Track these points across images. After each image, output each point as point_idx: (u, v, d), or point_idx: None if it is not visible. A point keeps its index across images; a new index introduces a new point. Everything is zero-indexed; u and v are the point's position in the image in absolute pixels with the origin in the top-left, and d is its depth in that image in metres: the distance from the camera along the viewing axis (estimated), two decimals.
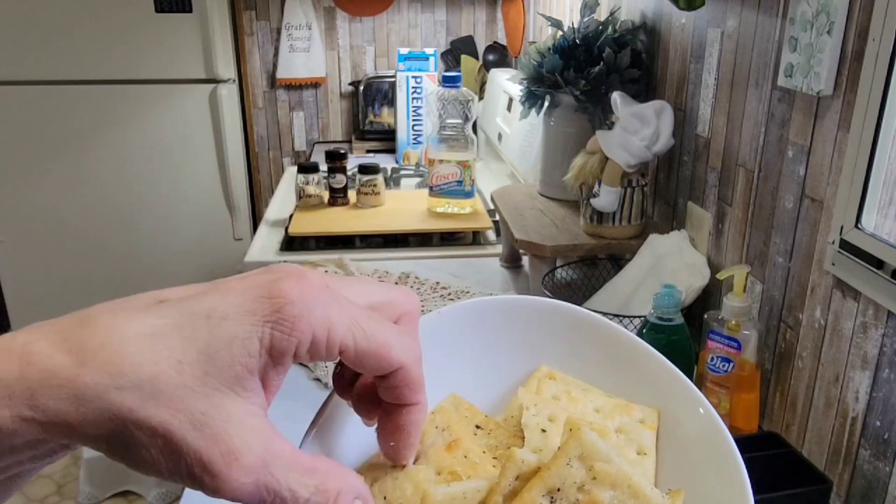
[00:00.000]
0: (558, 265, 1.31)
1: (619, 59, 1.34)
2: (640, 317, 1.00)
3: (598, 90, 1.36)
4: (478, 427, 0.35)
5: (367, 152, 2.70)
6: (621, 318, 1.03)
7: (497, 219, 1.70)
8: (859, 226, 0.81)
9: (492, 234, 1.78)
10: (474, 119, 1.75)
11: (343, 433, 0.34)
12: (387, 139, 2.71)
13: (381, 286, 0.32)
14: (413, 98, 2.43)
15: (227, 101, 2.67)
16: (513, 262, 1.60)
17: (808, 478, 0.79)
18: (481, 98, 2.58)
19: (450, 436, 0.33)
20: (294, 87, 2.90)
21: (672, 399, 0.36)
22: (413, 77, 2.41)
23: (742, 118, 1.07)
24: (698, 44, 1.21)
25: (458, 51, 2.89)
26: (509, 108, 2.10)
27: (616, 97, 1.26)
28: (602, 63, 1.34)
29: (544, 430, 0.34)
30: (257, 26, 2.82)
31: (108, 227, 2.77)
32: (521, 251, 1.50)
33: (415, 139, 2.48)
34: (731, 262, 1.12)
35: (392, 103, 2.67)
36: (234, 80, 2.75)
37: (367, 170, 1.85)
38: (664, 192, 1.38)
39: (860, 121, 0.79)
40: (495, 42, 2.92)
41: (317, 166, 1.88)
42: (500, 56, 2.85)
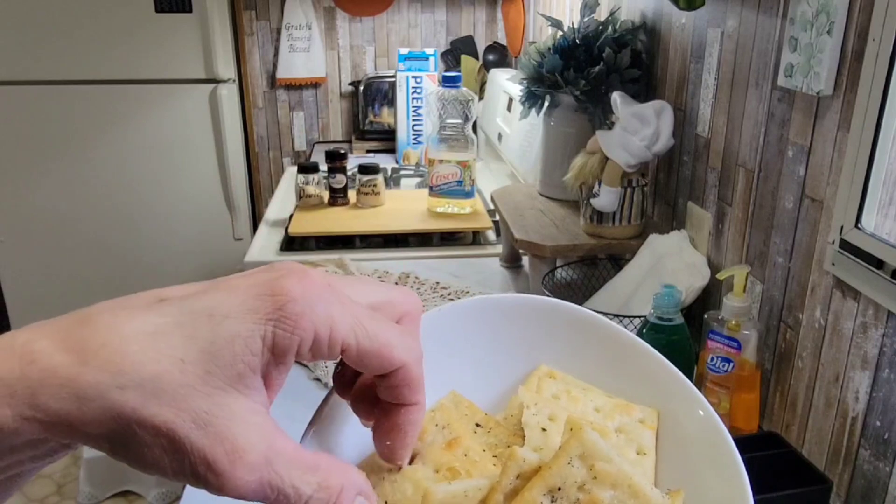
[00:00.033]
0: (558, 265, 1.31)
1: (619, 59, 1.34)
2: (640, 317, 1.00)
3: (598, 90, 1.36)
4: (478, 425, 0.35)
5: (367, 152, 2.70)
6: (621, 318, 1.03)
7: (497, 219, 1.70)
8: (859, 226, 0.81)
9: (492, 234, 1.78)
10: (474, 119, 1.75)
11: (342, 432, 0.34)
12: (387, 139, 2.71)
13: (383, 286, 0.32)
14: (413, 98, 2.43)
15: (227, 101, 2.67)
16: (513, 262, 1.60)
17: (808, 478, 0.79)
18: (481, 98, 2.58)
19: (450, 433, 0.33)
20: (294, 87, 2.90)
21: (672, 399, 0.36)
22: (413, 77, 2.41)
23: (742, 118, 1.07)
24: (698, 44, 1.21)
25: (458, 51, 2.89)
26: (509, 108, 2.10)
27: (616, 97, 1.26)
28: (602, 63, 1.34)
29: (544, 429, 0.34)
30: (257, 26, 2.82)
31: (109, 227, 2.77)
32: (521, 251, 1.50)
33: (415, 139, 2.48)
34: (731, 262, 1.12)
35: (392, 103, 2.67)
36: (234, 80, 2.75)
37: (367, 170, 1.85)
38: (664, 192, 1.38)
39: (860, 121, 0.79)
40: (495, 42, 2.92)
41: (317, 166, 1.88)
42: (500, 56, 2.85)
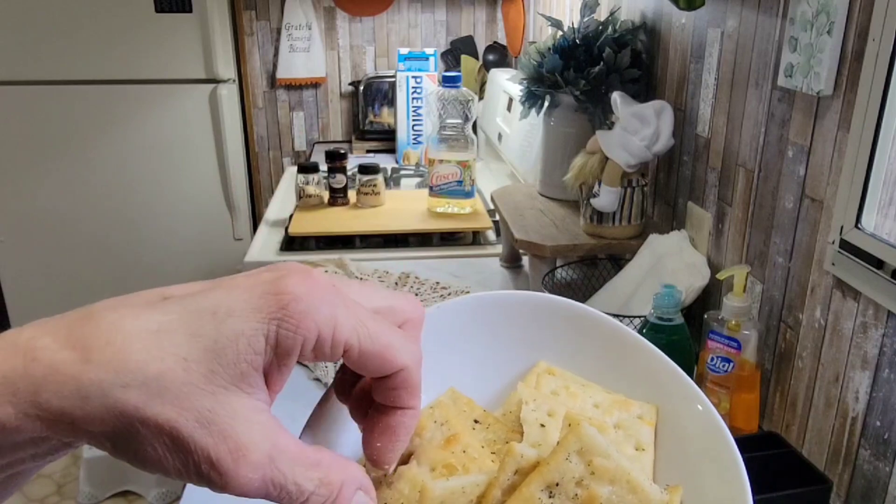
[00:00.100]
0: (558, 265, 1.31)
1: (619, 59, 1.34)
2: (640, 317, 1.00)
3: (598, 90, 1.36)
4: (476, 422, 0.35)
5: (367, 152, 2.70)
6: (621, 318, 1.03)
7: (497, 219, 1.70)
8: (859, 226, 0.81)
9: (492, 234, 1.78)
10: (474, 119, 1.75)
11: (339, 431, 0.34)
12: (387, 139, 2.71)
13: (387, 292, 0.32)
14: (413, 98, 2.43)
15: (227, 101, 2.67)
16: (513, 262, 1.60)
17: (808, 478, 0.79)
18: (481, 98, 2.58)
19: (448, 430, 0.33)
20: (294, 87, 2.90)
21: (671, 395, 0.36)
22: (413, 77, 2.41)
23: (742, 118, 1.07)
24: (698, 44, 1.21)
25: (458, 51, 2.89)
26: (509, 108, 2.10)
27: (616, 97, 1.26)
28: (602, 63, 1.34)
29: (543, 425, 0.34)
30: (257, 26, 2.82)
31: (109, 226, 2.77)
32: (521, 251, 1.50)
33: (415, 139, 2.48)
34: (731, 262, 1.12)
35: (392, 103, 2.67)
36: (234, 80, 2.75)
37: (367, 170, 1.85)
38: (664, 192, 1.38)
39: (860, 121, 0.79)
40: (495, 42, 2.92)
41: (317, 166, 1.88)
42: (500, 56, 2.85)
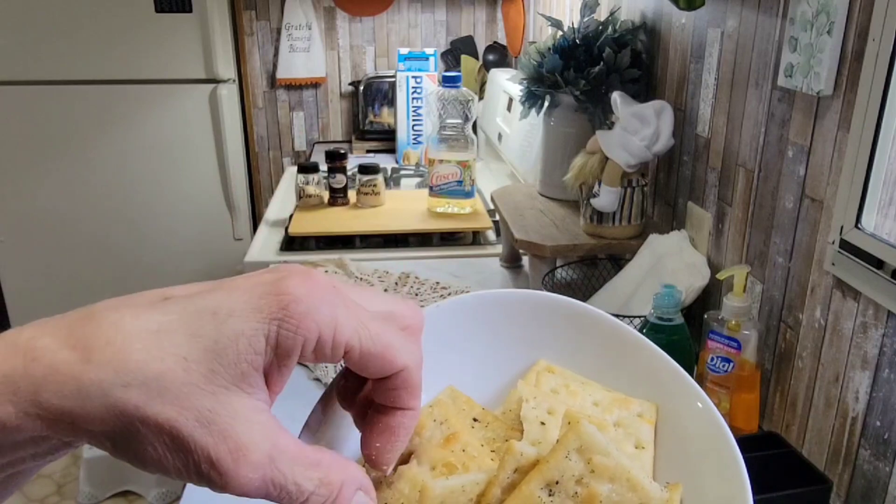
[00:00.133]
0: (558, 265, 1.31)
1: (619, 59, 1.34)
2: (640, 317, 1.00)
3: (598, 90, 1.36)
4: (475, 420, 0.35)
5: (367, 152, 2.70)
6: (621, 318, 1.03)
7: (497, 219, 1.70)
8: (859, 226, 0.81)
9: (492, 234, 1.78)
10: (474, 119, 1.75)
11: (339, 432, 0.34)
12: (387, 139, 2.71)
13: (388, 297, 0.32)
14: (413, 98, 2.43)
15: (227, 101, 2.67)
16: (513, 262, 1.60)
17: (808, 478, 0.79)
18: (481, 98, 2.58)
19: (447, 429, 0.33)
20: (294, 87, 2.90)
21: (670, 393, 0.36)
22: (413, 77, 2.41)
23: (742, 118, 1.07)
24: (698, 44, 1.21)
25: (458, 51, 2.89)
26: (509, 108, 2.10)
27: (616, 97, 1.26)
28: (602, 63, 1.34)
29: (543, 423, 0.34)
30: (257, 26, 2.82)
31: (109, 227, 2.77)
32: (521, 251, 1.50)
33: (415, 139, 2.48)
34: (731, 262, 1.12)
35: (392, 103, 2.67)
36: (234, 80, 2.75)
37: (367, 170, 1.85)
38: (664, 192, 1.38)
39: (860, 121, 0.79)
40: (495, 42, 2.92)
41: (317, 166, 1.88)
42: (500, 56, 2.85)
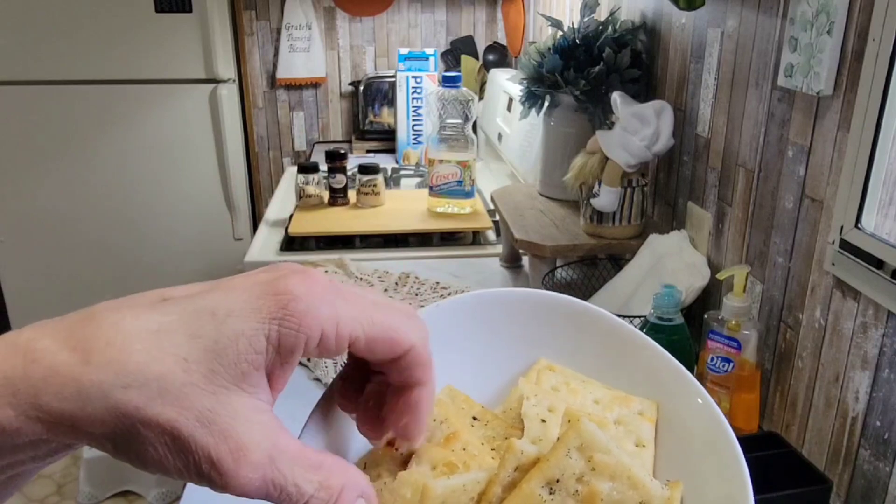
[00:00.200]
0: (558, 265, 1.31)
1: (619, 59, 1.34)
2: (640, 317, 1.00)
3: (598, 90, 1.36)
4: (474, 419, 0.35)
5: (367, 152, 2.70)
6: (621, 317, 1.03)
7: (497, 219, 1.70)
8: (859, 226, 0.81)
9: (492, 234, 1.78)
10: (474, 119, 1.75)
11: (339, 434, 0.34)
12: (387, 139, 2.71)
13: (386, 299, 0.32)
14: (413, 98, 2.43)
15: (227, 101, 2.67)
16: (513, 262, 1.60)
17: (808, 478, 0.79)
18: (481, 98, 2.58)
19: (448, 428, 0.33)
20: (294, 87, 2.90)
21: (671, 391, 0.36)
22: (413, 77, 2.41)
23: (742, 118, 1.07)
24: (698, 44, 1.21)
25: (458, 51, 2.89)
26: (509, 108, 2.10)
27: (616, 97, 1.26)
28: (602, 63, 1.34)
29: (544, 421, 0.34)
30: (257, 26, 2.82)
31: (109, 226, 2.77)
32: (521, 251, 1.50)
33: (415, 139, 2.48)
34: (731, 262, 1.12)
35: (392, 103, 2.67)
36: (234, 80, 2.75)
37: (367, 170, 1.85)
38: (664, 192, 1.38)
39: (860, 121, 0.79)
40: (495, 42, 2.92)
41: (317, 166, 1.88)
42: (500, 56, 2.85)
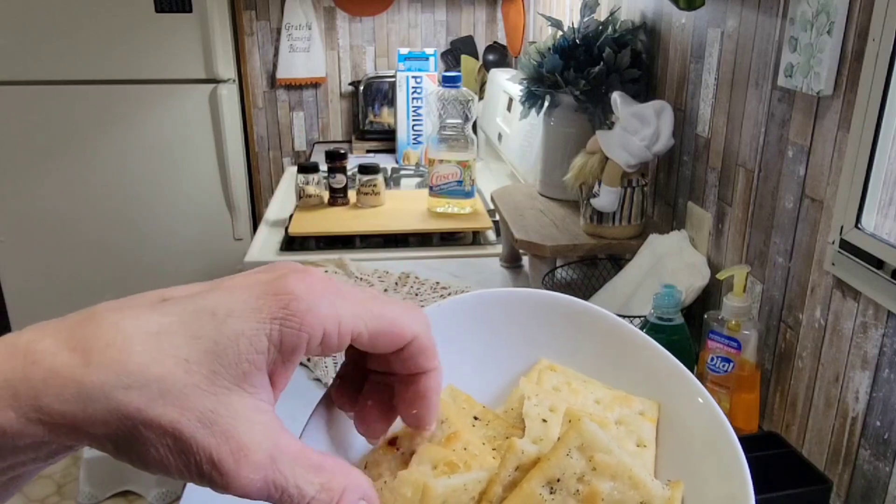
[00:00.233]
0: (558, 265, 1.31)
1: (619, 59, 1.34)
2: (640, 317, 1.00)
3: (598, 90, 1.36)
4: (475, 418, 0.35)
5: (367, 152, 2.70)
6: (621, 317, 1.03)
7: (497, 219, 1.70)
8: (859, 226, 0.81)
9: (492, 234, 1.78)
10: (474, 119, 1.75)
11: (339, 435, 0.34)
12: (387, 139, 2.71)
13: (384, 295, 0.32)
14: (413, 98, 2.43)
15: (227, 101, 2.67)
16: (513, 262, 1.60)
17: (808, 478, 0.79)
18: (481, 98, 2.58)
19: (449, 428, 0.33)
20: (294, 87, 2.90)
21: (671, 390, 0.36)
22: (413, 77, 2.41)
23: (742, 118, 1.07)
24: (698, 44, 1.21)
25: (458, 51, 2.89)
26: (509, 108, 2.10)
27: (616, 97, 1.26)
28: (602, 63, 1.34)
29: (545, 420, 0.34)
30: (257, 26, 2.82)
31: (109, 226, 2.77)
32: (521, 251, 1.50)
33: (415, 139, 2.48)
34: (731, 262, 1.12)
35: (392, 103, 2.67)
36: (234, 80, 2.75)
37: (367, 170, 1.85)
38: (664, 192, 1.38)
39: (860, 121, 0.79)
40: (495, 42, 2.92)
41: (317, 166, 1.88)
42: (500, 56, 2.85)
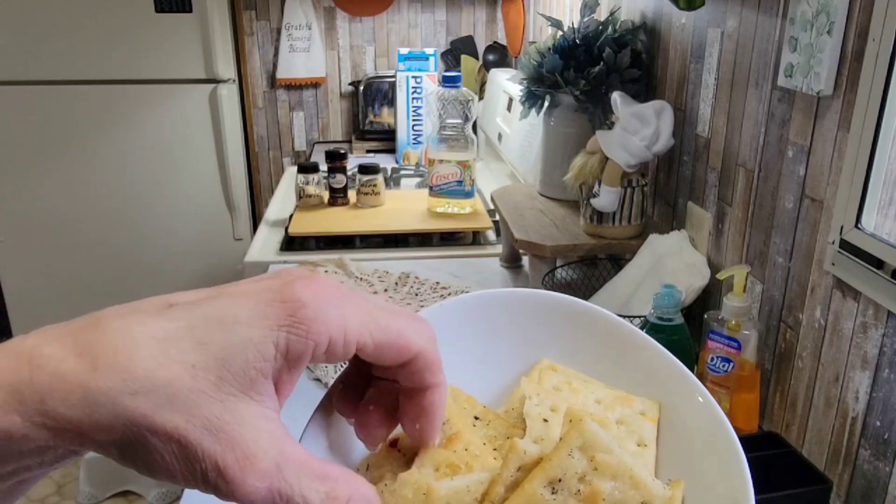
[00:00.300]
0: (558, 265, 1.31)
1: (619, 59, 1.34)
2: (640, 317, 1.00)
3: (598, 90, 1.36)
4: (476, 418, 0.35)
5: (367, 152, 2.70)
6: (621, 318, 1.03)
7: (497, 219, 1.70)
8: (859, 226, 0.81)
9: (492, 234, 1.78)
10: (474, 119, 1.76)
11: (339, 438, 0.34)
12: (387, 139, 2.71)
13: (391, 304, 0.32)
14: (413, 98, 2.43)
15: (227, 101, 2.67)
16: (513, 262, 1.60)
17: (808, 478, 0.79)
18: (481, 98, 2.58)
19: (450, 429, 0.33)
20: (294, 87, 2.90)
21: (671, 389, 0.36)
22: (413, 77, 2.41)
23: (742, 118, 1.07)
24: (698, 44, 1.21)
25: (458, 51, 2.89)
26: (509, 108, 2.10)
27: (616, 97, 1.26)
28: (602, 63, 1.34)
29: (546, 420, 0.34)
30: (257, 26, 2.82)
31: (109, 226, 2.77)
32: (521, 251, 1.50)
33: (415, 139, 2.48)
34: (731, 262, 1.12)
35: (392, 103, 2.67)
36: (234, 80, 2.75)
37: (367, 170, 1.85)
38: (664, 192, 1.38)
39: (860, 121, 0.79)
40: (495, 42, 2.92)
41: (317, 166, 1.88)
42: (500, 56, 2.85)
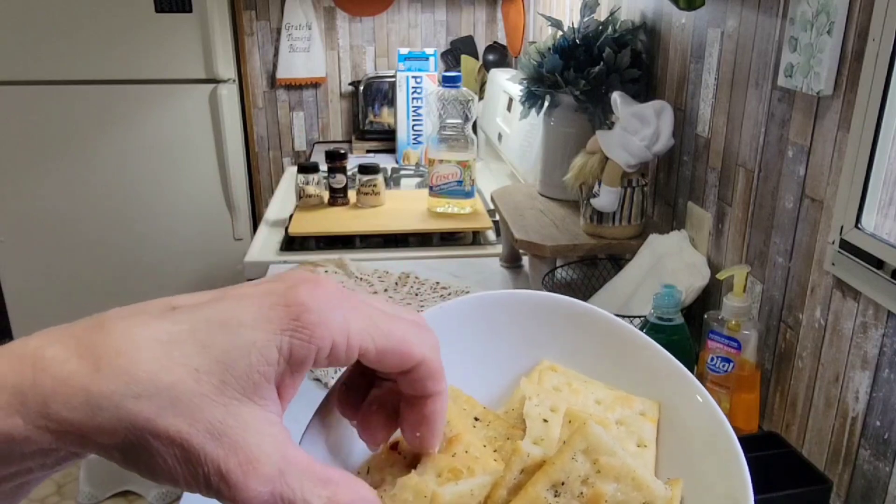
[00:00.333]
0: (558, 265, 1.31)
1: (619, 59, 1.34)
2: (640, 317, 1.01)
3: (598, 90, 1.36)
4: (476, 419, 0.35)
5: (367, 152, 2.70)
6: (621, 318, 1.03)
7: (497, 219, 1.70)
8: (859, 226, 0.81)
9: (492, 234, 1.78)
10: (474, 119, 1.76)
11: (337, 437, 0.34)
12: (387, 139, 2.71)
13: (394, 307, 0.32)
14: (413, 98, 2.43)
15: (227, 101, 2.66)
16: (513, 262, 1.60)
17: (808, 478, 0.80)
18: (481, 98, 2.58)
19: (450, 430, 0.33)
20: (294, 87, 2.90)
21: (670, 389, 0.36)
22: (413, 77, 2.41)
23: (742, 118, 1.07)
24: (698, 44, 1.21)
25: (458, 51, 2.89)
26: (509, 108, 2.10)
27: (616, 97, 1.26)
28: (602, 63, 1.34)
29: (546, 420, 0.34)
30: (257, 26, 2.82)
31: (109, 226, 2.77)
32: (521, 251, 1.50)
33: (415, 139, 2.48)
34: (731, 262, 1.12)
35: (392, 103, 2.67)
36: (234, 80, 2.75)
37: (367, 170, 1.85)
38: (664, 192, 1.38)
39: (860, 121, 0.79)
40: (495, 42, 2.92)
41: (317, 166, 1.88)
42: (500, 56, 2.85)
